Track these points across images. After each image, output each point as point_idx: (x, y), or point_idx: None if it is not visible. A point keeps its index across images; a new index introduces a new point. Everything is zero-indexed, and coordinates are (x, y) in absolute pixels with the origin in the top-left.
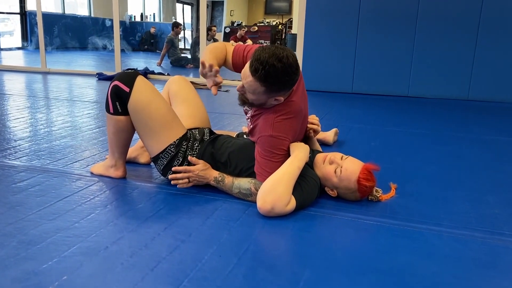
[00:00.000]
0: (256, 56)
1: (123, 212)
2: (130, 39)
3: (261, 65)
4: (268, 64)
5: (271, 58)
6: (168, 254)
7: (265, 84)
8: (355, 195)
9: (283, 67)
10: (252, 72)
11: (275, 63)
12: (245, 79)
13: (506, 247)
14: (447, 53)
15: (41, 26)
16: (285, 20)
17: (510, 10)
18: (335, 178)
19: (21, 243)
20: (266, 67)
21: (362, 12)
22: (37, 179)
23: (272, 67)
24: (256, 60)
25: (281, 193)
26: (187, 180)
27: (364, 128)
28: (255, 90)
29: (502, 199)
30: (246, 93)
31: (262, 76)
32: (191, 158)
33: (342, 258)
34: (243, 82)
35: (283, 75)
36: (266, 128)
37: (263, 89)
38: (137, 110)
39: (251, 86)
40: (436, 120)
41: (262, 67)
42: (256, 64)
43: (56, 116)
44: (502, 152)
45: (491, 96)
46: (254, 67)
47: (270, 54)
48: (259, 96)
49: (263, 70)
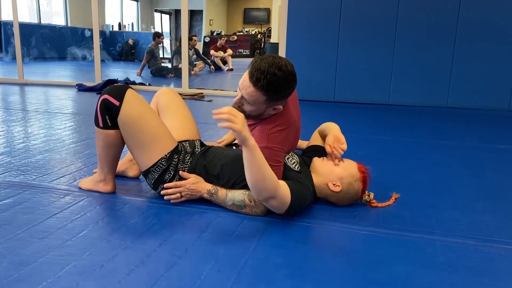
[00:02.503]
0: (256, 66)
1: (116, 228)
2: (110, 49)
3: (263, 75)
4: (269, 73)
5: (271, 67)
6: (166, 271)
7: (267, 93)
8: (358, 185)
9: (283, 76)
10: (254, 82)
11: (275, 72)
12: (245, 89)
13: (499, 254)
14: (426, 62)
15: (17, 36)
16: (263, 29)
17: (485, 20)
18: (338, 168)
19: (12, 263)
20: (268, 76)
21: (342, 22)
22: (24, 196)
23: (273, 76)
24: (256, 70)
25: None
26: (179, 195)
27: (348, 137)
28: (256, 100)
29: (490, 206)
30: (244, 105)
31: (264, 85)
32: (182, 172)
33: (341, 270)
34: (243, 93)
35: (284, 83)
36: (261, 140)
37: (264, 99)
38: (128, 124)
39: (252, 96)
40: (417, 128)
41: (263, 77)
42: (258, 74)
43: (37, 129)
44: (484, 159)
45: (469, 103)
46: (255, 77)
47: (269, 63)
48: (259, 106)
49: (265, 79)
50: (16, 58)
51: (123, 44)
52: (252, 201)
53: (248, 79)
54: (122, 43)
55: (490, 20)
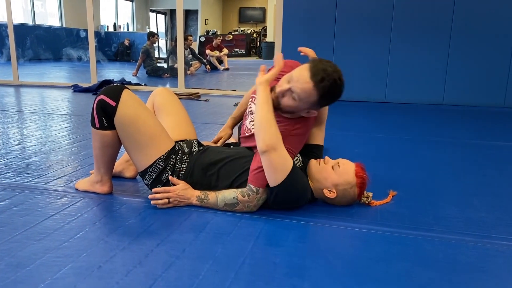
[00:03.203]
0: (322, 67)
1: (113, 229)
2: (106, 49)
3: (328, 77)
4: (333, 78)
5: (335, 73)
6: (164, 271)
7: (322, 95)
8: (354, 190)
9: (340, 85)
10: (317, 80)
11: (337, 80)
12: (300, 84)
13: (497, 250)
14: (421, 59)
15: (12, 37)
16: (259, 28)
17: (480, 17)
18: (334, 175)
19: (9, 265)
20: (331, 80)
21: (338, 20)
22: (20, 198)
23: (334, 83)
24: (322, 70)
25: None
26: (167, 201)
27: (346, 135)
28: (307, 98)
29: (487, 202)
30: (286, 98)
31: (325, 87)
32: (171, 178)
33: (339, 268)
34: (294, 86)
35: (338, 93)
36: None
37: (315, 99)
38: (124, 125)
39: (305, 92)
40: (414, 125)
41: (328, 79)
42: (323, 74)
43: (33, 131)
44: (481, 156)
45: (465, 100)
46: (320, 76)
47: (334, 69)
48: (303, 105)
49: (328, 82)
50: (11, 60)
51: (119, 44)
52: (245, 196)
53: (309, 76)
54: (117, 43)
55: (485, 17)
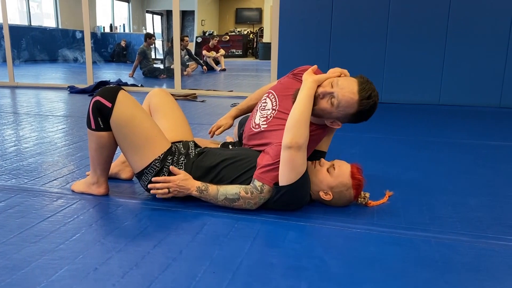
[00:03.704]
0: (371, 86)
1: (109, 231)
2: (102, 50)
3: (374, 97)
4: (375, 101)
5: (377, 97)
6: (161, 273)
7: (359, 110)
8: (350, 192)
9: (375, 107)
10: (364, 96)
11: (376, 103)
12: (346, 91)
13: (492, 250)
14: (417, 60)
15: (7, 38)
16: (256, 29)
17: (475, 17)
18: (329, 177)
19: (5, 268)
20: (373, 102)
21: (334, 20)
22: (16, 200)
23: (374, 105)
24: (372, 90)
25: (306, 132)
26: (167, 190)
27: (342, 136)
28: (345, 107)
29: (483, 202)
30: (323, 100)
31: (368, 105)
32: (172, 168)
33: (336, 269)
34: (340, 92)
35: (371, 113)
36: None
37: (351, 112)
38: (120, 126)
39: (347, 102)
40: (410, 126)
41: (373, 99)
42: (372, 93)
43: (29, 132)
44: (477, 155)
45: (461, 100)
46: (368, 94)
47: (376, 93)
48: (337, 113)
49: (372, 102)
50: (7, 61)
51: (115, 45)
52: (248, 193)
53: (357, 89)
54: (113, 44)
55: (481, 17)
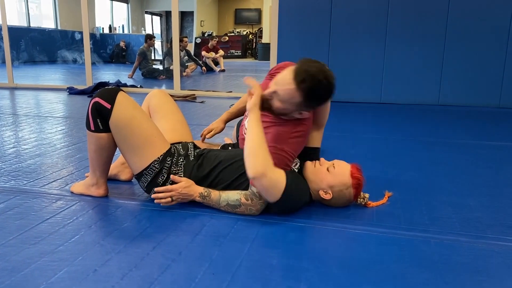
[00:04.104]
0: (304, 67)
1: (109, 233)
2: (101, 51)
3: (310, 78)
4: (316, 79)
5: (319, 74)
6: (160, 275)
7: (305, 96)
8: (349, 192)
9: (327, 86)
10: (298, 82)
11: (321, 80)
12: (283, 86)
13: (492, 250)
14: (417, 60)
15: (7, 39)
16: (255, 29)
17: (474, 17)
18: (329, 176)
19: (4, 270)
20: (313, 81)
21: (333, 21)
22: (15, 201)
23: (318, 83)
24: (304, 72)
25: (263, 158)
26: (170, 199)
27: (341, 136)
28: (291, 100)
29: (482, 203)
30: (274, 100)
31: (306, 88)
32: (173, 176)
33: (335, 270)
34: (278, 89)
35: (324, 93)
36: (279, 141)
37: (299, 101)
38: (119, 127)
39: (288, 94)
40: (409, 126)
41: (309, 80)
42: (305, 75)
43: (28, 134)
44: (476, 156)
45: (460, 100)
46: (301, 78)
47: (318, 69)
48: (289, 106)
49: (310, 83)
50: (6, 62)
51: (114, 46)
52: (248, 199)
53: (292, 77)
54: (112, 45)
55: (480, 17)
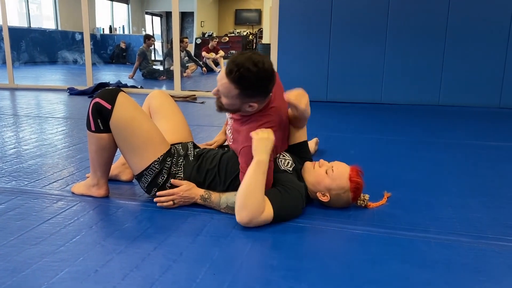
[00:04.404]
0: (233, 59)
1: (110, 233)
2: (102, 52)
3: (236, 67)
4: (243, 67)
5: (247, 62)
6: (161, 275)
7: (238, 86)
8: (347, 195)
9: (258, 72)
10: (227, 73)
11: (250, 67)
12: (220, 81)
13: (493, 251)
14: (417, 60)
15: (7, 40)
16: (255, 30)
17: (474, 18)
18: (327, 179)
19: (5, 270)
20: (241, 69)
21: (334, 22)
22: (16, 202)
23: (247, 70)
24: (231, 62)
25: (252, 205)
26: (172, 203)
27: (342, 137)
28: (229, 93)
29: (483, 203)
30: (221, 97)
31: (236, 78)
32: (173, 180)
33: (336, 270)
34: (218, 85)
35: (257, 80)
36: (249, 139)
37: (236, 92)
38: (120, 127)
39: (225, 88)
40: (410, 126)
41: (237, 69)
42: (232, 65)
43: (29, 134)
44: (476, 156)
45: (460, 100)
46: (229, 69)
47: (246, 57)
48: (233, 100)
49: (238, 72)
50: (6, 63)
51: (114, 47)
52: None
53: (224, 72)
54: (113, 46)
55: (480, 18)
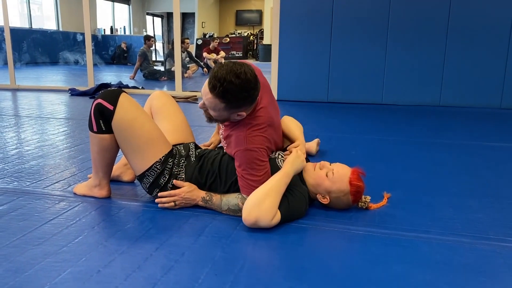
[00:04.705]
0: (214, 73)
1: (112, 234)
2: (103, 53)
3: (219, 82)
4: (226, 80)
5: (228, 75)
6: (163, 275)
7: (224, 100)
8: (347, 198)
9: (241, 83)
10: (211, 89)
11: (232, 80)
12: (204, 96)
13: (494, 251)
14: (418, 61)
15: (9, 41)
16: (256, 31)
17: (476, 17)
18: (327, 181)
19: (8, 271)
20: (224, 83)
21: (335, 22)
22: (18, 202)
23: (230, 84)
24: (213, 77)
25: (266, 207)
26: (173, 204)
27: (343, 137)
28: (216, 107)
29: (483, 204)
30: (209, 110)
31: (220, 92)
32: (176, 181)
33: (337, 271)
34: (203, 99)
35: (241, 91)
36: (240, 142)
37: (223, 106)
38: (122, 128)
39: (211, 103)
40: (411, 127)
41: (220, 84)
42: (214, 81)
43: (30, 135)
44: (477, 157)
45: (461, 101)
46: (212, 84)
47: (227, 70)
48: (221, 113)
49: (221, 87)
50: (8, 64)
51: (116, 48)
52: None
53: (209, 89)
54: (114, 47)
55: (481, 18)
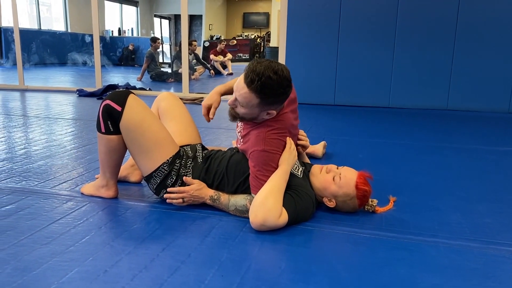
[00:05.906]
0: (252, 68)
1: (119, 234)
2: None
3: (257, 76)
4: (264, 75)
5: (267, 70)
6: (170, 276)
7: (260, 95)
8: (354, 202)
9: (278, 79)
10: (248, 83)
11: (271, 75)
12: (238, 91)
13: (503, 256)
14: (425, 64)
15: (18, 42)
16: (263, 33)
17: (484, 21)
18: (334, 186)
19: (16, 269)
20: (262, 78)
21: (342, 25)
22: (26, 202)
23: (268, 79)
24: (252, 72)
25: (271, 206)
26: (181, 200)
27: (350, 140)
28: (249, 103)
29: (492, 208)
30: (238, 107)
31: (258, 87)
32: (185, 178)
33: (344, 274)
34: (236, 95)
35: (278, 87)
36: (259, 143)
37: (257, 101)
38: (130, 129)
39: (245, 98)
40: (418, 130)
41: (258, 78)
42: (252, 75)
43: (38, 135)
44: (485, 161)
45: (469, 105)
46: (250, 78)
47: (265, 66)
48: (252, 110)
49: (259, 81)
50: (17, 64)
51: (123, 49)
52: None
53: (243, 81)
54: (122, 48)
55: (490, 21)
